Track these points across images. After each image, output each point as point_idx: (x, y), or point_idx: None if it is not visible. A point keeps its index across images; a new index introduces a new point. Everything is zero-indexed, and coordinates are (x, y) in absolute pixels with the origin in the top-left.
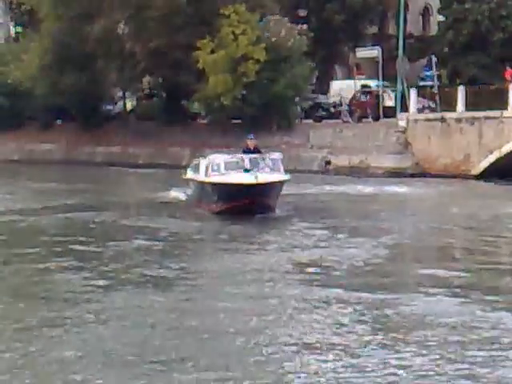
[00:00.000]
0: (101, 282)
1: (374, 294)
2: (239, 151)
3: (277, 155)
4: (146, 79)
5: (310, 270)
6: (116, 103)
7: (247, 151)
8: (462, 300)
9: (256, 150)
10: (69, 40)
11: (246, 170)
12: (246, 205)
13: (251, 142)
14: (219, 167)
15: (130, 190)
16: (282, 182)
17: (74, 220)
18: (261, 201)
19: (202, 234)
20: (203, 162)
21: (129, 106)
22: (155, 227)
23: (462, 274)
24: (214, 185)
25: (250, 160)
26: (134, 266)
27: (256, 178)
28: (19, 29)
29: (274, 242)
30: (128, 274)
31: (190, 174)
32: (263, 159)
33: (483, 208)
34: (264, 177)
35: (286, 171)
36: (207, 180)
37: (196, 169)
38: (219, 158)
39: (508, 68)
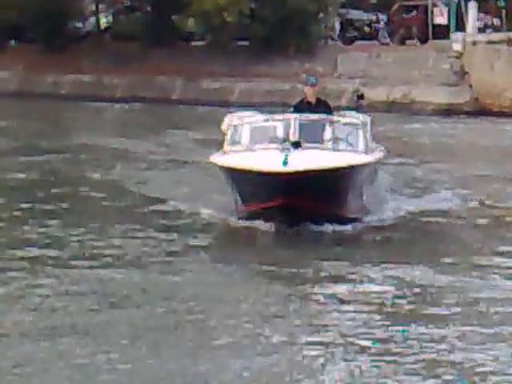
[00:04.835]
0: None
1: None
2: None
3: (357, 118)
4: None
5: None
6: (87, 19)
7: (301, 109)
8: None
9: (321, 106)
10: None
11: (294, 145)
12: (276, 208)
13: (312, 90)
14: (241, 138)
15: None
16: (352, 170)
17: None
18: (298, 203)
19: None
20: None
21: (103, 22)
22: None
23: None
24: (227, 171)
25: (302, 126)
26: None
27: (285, 162)
28: None
29: None
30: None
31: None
32: (328, 125)
33: None
34: (306, 161)
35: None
36: (220, 162)
37: None
38: (245, 120)
39: None
